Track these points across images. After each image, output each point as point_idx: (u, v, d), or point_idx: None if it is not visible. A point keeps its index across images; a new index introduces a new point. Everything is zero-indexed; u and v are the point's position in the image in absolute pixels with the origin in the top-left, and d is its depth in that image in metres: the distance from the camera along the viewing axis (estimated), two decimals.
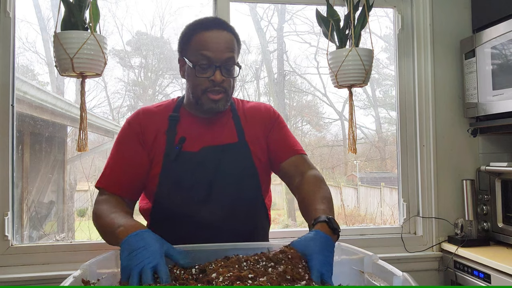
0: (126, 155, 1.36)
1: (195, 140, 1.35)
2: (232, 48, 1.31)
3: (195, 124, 1.38)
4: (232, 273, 0.94)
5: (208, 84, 1.29)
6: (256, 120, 1.44)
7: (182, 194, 1.31)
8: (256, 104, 1.50)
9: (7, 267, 1.79)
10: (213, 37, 1.29)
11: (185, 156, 1.32)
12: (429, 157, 2.14)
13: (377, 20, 2.45)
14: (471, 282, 1.86)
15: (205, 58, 1.28)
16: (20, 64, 2.13)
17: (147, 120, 1.38)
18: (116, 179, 1.34)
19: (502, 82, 1.86)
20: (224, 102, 1.32)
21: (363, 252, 1.10)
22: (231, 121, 1.41)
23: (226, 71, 1.30)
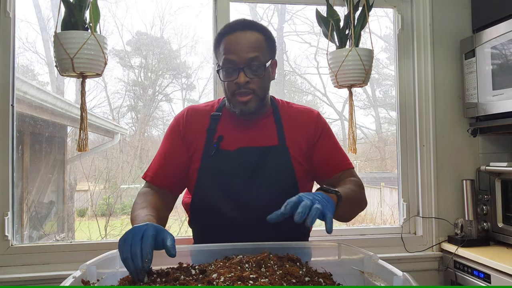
0: (169, 150, 1.42)
1: (233, 139, 1.37)
2: (256, 48, 1.31)
3: (234, 125, 1.40)
4: (233, 273, 0.94)
5: (235, 87, 1.31)
6: (300, 125, 1.42)
7: (218, 191, 1.34)
8: (302, 108, 1.49)
9: (7, 267, 1.79)
10: (236, 40, 1.31)
11: (222, 154, 1.36)
12: (429, 157, 2.14)
13: (377, 20, 2.45)
14: (471, 282, 1.86)
15: (229, 62, 1.31)
16: (20, 64, 2.13)
17: (191, 118, 1.43)
18: (159, 172, 1.40)
19: (502, 82, 1.86)
20: (255, 103, 1.33)
21: (363, 252, 1.10)
22: (273, 124, 1.41)
23: (250, 72, 1.30)
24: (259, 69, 1.32)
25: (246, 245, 1.17)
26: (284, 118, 1.43)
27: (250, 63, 1.30)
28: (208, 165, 1.36)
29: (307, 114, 1.46)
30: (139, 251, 0.95)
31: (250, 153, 1.36)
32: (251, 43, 1.31)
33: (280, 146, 1.38)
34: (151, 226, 1.01)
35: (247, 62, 1.30)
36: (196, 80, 2.48)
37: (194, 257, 1.10)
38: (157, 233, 1.00)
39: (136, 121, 2.56)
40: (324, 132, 1.45)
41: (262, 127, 1.41)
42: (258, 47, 1.32)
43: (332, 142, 1.46)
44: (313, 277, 1.00)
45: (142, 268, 0.95)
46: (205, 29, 2.21)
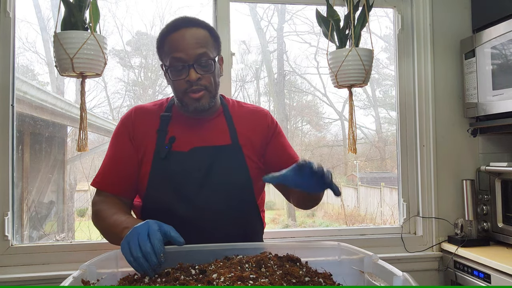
0: (118, 154, 1.36)
1: (186, 140, 1.34)
2: (204, 43, 1.28)
3: (186, 124, 1.37)
4: (233, 273, 0.94)
5: (186, 85, 1.28)
6: (253, 124, 1.42)
7: (171, 194, 1.30)
8: (254, 107, 1.48)
9: (7, 267, 1.79)
10: (182, 37, 1.27)
11: (175, 155, 1.32)
12: (429, 157, 2.14)
13: (377, 20, 2.45)
14: (471, 282, 1.86)
15: (177, 60, 1.27)
16: (20, 64, 2.13)
17: (140, 118, 1.38)
18: (110, 178, 1.35)
19: (502, 82, 1.86)
20: (207, 99, 1.30)
21: (363, 252, 1.10)
22: (224, 123, 1.39)
23: (201, 68, 1.28)
24: (209, 64, 1.29)
25: (246, 245, 1.17)
26: (235, 117, 1.41)
27: (199, 59, 1.27)
28: (160, 168, 1.31)
29: (258, 114, 1.45)
30: (150, 248, 0.96)
31: (204, 153, 1.33)
32: (198, 39, 1.28)
33: (233, 145, 1.36)
34: (152, 222, 1.02)
35: (196, 59, 1.27)
36: None
37: (194, 257, 1.10)
38: (160, 227, 1.00)
39: None
40: (276, 131, 1.46)
41: (213, 126, 1.38)
42: (205, 42, 1.29)
43: (284, 140, 1.47)
44: (313, 277, 1.00)
45: (159, 263, 0.95)
46: None
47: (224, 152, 1.34)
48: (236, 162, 1.35)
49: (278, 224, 2.64)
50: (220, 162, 1.33)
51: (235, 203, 1.33)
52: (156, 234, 0.98)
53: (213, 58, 1.31)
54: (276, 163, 1.41)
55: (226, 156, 1.34)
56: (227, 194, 1.32)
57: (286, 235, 2.06)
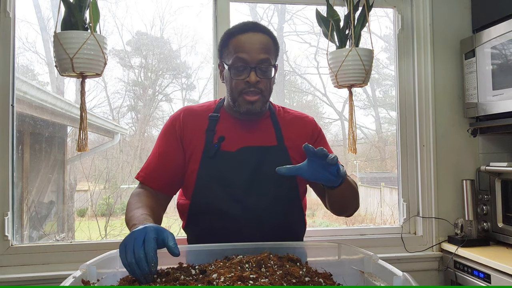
0: (164, 150, 1.40)
1: (234, 140, 1.37)
2: (267, 50, 1.33)
3: (234, 126, 1.40)
4: (233, 273, 0.94)
5: (244, 86, 1.32)
6: (298, 128, 1.45)
7: (218, 192, 1.33)
8: (299, 113, 1.52)
9: (7, 267, 1.79)
10: (248, 39, 1.32)
11: (223, 155, 1.35)
12: (429, 157, 2.14)
13: (377, 20, 2.45)
14: (471, 282, 1.86)
15: (240, 60, 1.31)
16: (20, 64, 2.13)
17: (188, 118, 1.42)
18: (153, 173, 1.39)
19: (502, 82, 1.86)
20: (261, 103, 1.34)
21: (363, 252, 1.10)
22: (271, 126, 1.43)
23: (261, 72, 1.31)
24: (269, 70, 1.33)
25: (246, 245, 1.17)
26: (281, 121, 1.45)
27: (261, 64, 1.31)
28: (208, 166, 1.34)
29: (303, 119, 1.50)
30: (143, 255, 0.96)
31: (252, 153, 1.36)
32: (263, 45, 1.32)
33: (279, 146, 1.39)
34: (151, 228, 1.01)
35: (258, 63, 1.31)
36: (196, 80, 2.49)
37: (194, 257, 1.10)
38: (157, 235, 1.00)
39: (136, 121, 2.57)
40: (320, 136, 1.50)
41: (261, 128, 1.41)
42: (268, 49, 1.34)
43: (327, 146, 1.51)
44: (313, 277, 1.00)
45: (150, 272, 0.95)
46: (205, 29, 2.21)
47: (271, 153, 1.37)
48: (282, 162, 1.34)
49: None
50: (267, 162, 1.35)
51: (281, 203, 1.36)
52: (151, 243, 0.97)
53: (274, 64, 1.35)
54: None
55: (272, 156, 1.37)
56: (274, 194, 1.34)
57: None
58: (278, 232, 1.33)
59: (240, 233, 1.28)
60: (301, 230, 1.47)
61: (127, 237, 1.01)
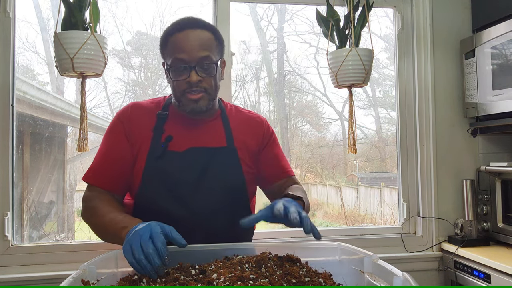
0: (112, 149, 1.35)
1: (181, 140, 1.33)
2: (207, 46, 1.28)
3: (183, 125, 1.36)
4: (233, 273, 0.94)
5: (186, 86, 1.28)
6: (249, 130, 1.43)
7: (164, 193, 1.29)
8: (251, 114, 1.49)
9: (7, 267, 1.79)
10: (186, 38, 1.27)
11: (170, 155, 1.31)
12: (429, 157, 2.14)
13: (377, 20, 2.45)
14: (471, 282, 1.86)
15: (180, 60, 1.26)
16: (20, 64, 2.13)
17: (136, 115, 1.37)
18: (102, 173, 1.33)
19: (502, 82, 1.86)
20: (206, 101, 1.30)
21: (363, 252, 1.10)
22: (221, 126, 1.39)
23: (202, 70, 1.27)
24: (211, 67, 1.29)
25: (246, 245, 1.17)
26: (232, 122, 1.41)
27: (202, 62, 1.27)
28: (155, 166, 1.30)
29: (255, 120, 1.47)
30: (152, 250, 0.96)
31: (200, 154, 1.33)
32: (202, 42, 1.28)
33: (229, 147, 1.36)
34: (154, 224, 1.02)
35: (198, 61, 1.26)
36: None
37: (194, 257, 1.10)
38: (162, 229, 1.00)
39: None
40: (272, 139, 1.48)
41: (210, 128, 1.38)
42: (208, 45, 1.29)
43: (279, 149, 1.50)
44: (313, 277, 1.00)
45: (163, 265, 0.97)
46: None
47: (219, 154, 1.34)
48: (230, 164, 1.35)
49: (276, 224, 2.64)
50: (215, 164, 1.33)
51: (229, 204, 1.33)
52: (159, 237, 0.98)
53: (216, 61, 1.31)
54: (268, 172, 1.45)
55: (221, 158, 1.34)
56: (221, 195, 1.32)
57: (286, 235, 2.06)
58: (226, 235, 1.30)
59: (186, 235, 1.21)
60: (249, 232, 1.45)
61: (131, 236, 1.01)
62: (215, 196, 1.31)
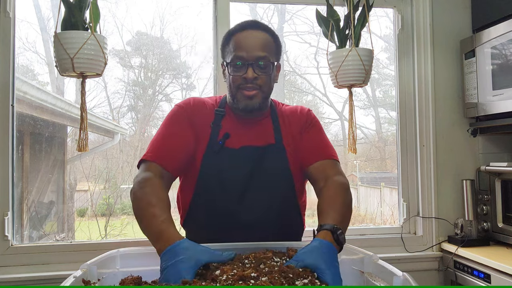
0: (177, 132, 1.37)
1: (237, 138, 1.38)
2: (265, 47, 1.34)
3: (238, 123, 1.41)
4: (236, 271, 0.95)
5: (241, 81, 1.33)
6: (293, 122, 1.46)
7: (218, 188, 1.35)
8: (294, 107, 1.52)
9: (7, 267, 1.79)
10: (246, 37, 1.34)
11: (226, 151, 1.36)
12: (429, 157, 2.14)
13: (377, 20, 2.45)
14: (471, 282, 1.86)
15: (239, 57, 1.32)
16: (20, 64, 2.13)
17: (198, 109, 1.42)
18: (165, 152, 1.34)
19: (502, 82, 1.86)
20: (260, 99, 1.34)
21: (363, 252, 1.10)
22: (270, 123, 1.43)
23: (259, 69, 1.32)
24: (267, 67, 1.34)
25: (246, 245, 1.17)
26: (280, 118, 1.45)
27: (259, 60, 1.32)
28: (211, 161, 1.36)
29: (298, 112, 1.49)
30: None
31: (252, 152, 1.38)
32: (261, 42, 1.34)
33: (277, 144, 1.40)
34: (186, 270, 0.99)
35: (256, 59, 1.32)
36: (196, 80, 2.49)
37: None
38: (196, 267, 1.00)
39: (136, 121, 2.57)
40: (313, 123, 1.47)
41: (261, 127, 1.42)
42: (267, 46, 1.35)
43: (320, 133, 1.47)
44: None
45: None
46: (205, 29, 2.21)
47: (269, 151, 1.39)
48: (278, 160, 1.39)
49: None
50: (265, 161, 1.37)
51: (277, 202, 1.37)
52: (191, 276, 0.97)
53: (273, 62, 1.36)
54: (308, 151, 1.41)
55: (270, 155, 1.38)
56: (270, 193, 1.36)
57: None
58: (276, 231, 1.33)
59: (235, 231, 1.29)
60: (299, 230, 1.47)
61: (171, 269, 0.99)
62: (264, 193, 1.35)
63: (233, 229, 1.32)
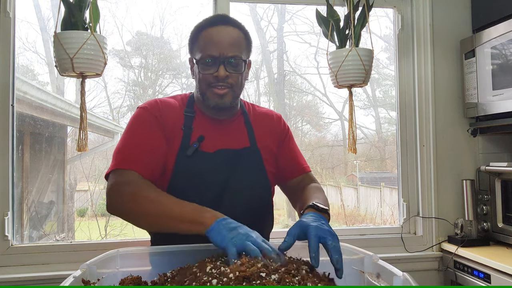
0: (147, 135, 1.28)
1: (211, 141, 1.33)
2: (238, 44, 1.29)
3: (210, 125, 1.36)
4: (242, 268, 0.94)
5: (213, 80, 1.28)
6: (267, 128, 1.44)
7: (193, 192, 1.28)
8: (268, 111, 1.51)
9: (7, 267, 1.79)
10: (218, 33, 1.28)
11: (201, 155, 1.30)
12: (429, 157, 2.14)
13: (377, 20, 2.45)
14: (471, 282, 1.86)
15: (209, 55, 1.27)
16: (20, 64, 2.13)
17: (166, 111, 1.33)
18: (140, 159, 1.24)
19: (502, 82, 1.86)
20: (230, 98, 1.30)
21: (363, 252, 1.10)
22: (243, 126, 1.41)
23: (230, 67, 1.28)
24: (239, 65, 1.29)
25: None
26: (252, 121, 1.42)
27: (230, 58, 1.27)
28: (184, 165, 1.28)
29: (272, 117, 1.48)
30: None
31: (228, 156, 1.33)
32: (233, 39, 1.29)
33: (252, 147, 1.38)
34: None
35: (227, 57, 1.27)
36: None
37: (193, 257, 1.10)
38: None
39: None
40: (288, 135, 1.49)
41: (234, 128, 1.39)
42: (239, 43, 1.30)
43: (294, 145, 1.51)
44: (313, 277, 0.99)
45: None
46: None
47: (244, 155, 1.36)
48: (255, 164, 1.37)
49: (278, 224, 2.64)
50: (242, 164, 1.34)
51: (254, 204, 1.35)
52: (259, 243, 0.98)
53: (244, 60, 1.32)
54: (286, 168, 1.46)
55: (246, 158, 1.35)
56: (247, 194, 1.33)
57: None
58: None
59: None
60: (270, 229, 1.48)
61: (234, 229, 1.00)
62: (241, 196, 1.32)
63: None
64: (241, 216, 1.29)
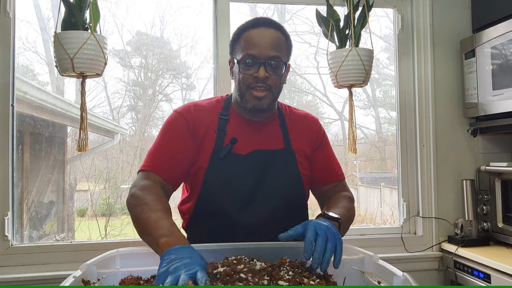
0: (176, 141, 1.32)
1: (245, 143, 1.33)
2: (278, 46, 1.29)
3: (244, 127, 1.36)
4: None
5: (252, 81, 1.28)
6: (303, 131, 1.43)
7: (226, 194, 1.29)
8: (304, 114, 1.49)
9: (7, 267, 1.79)
10: (259, 34, 1.29)
11: (234, 157, 1.31)
12: (429, 157, 2.14)
13: (377, 20, 2.45)
14: (471, 282, 1.86)
15: (250, 55, 1.27)
16: (20, 64, 2.13)
17: (198, 115, 1.35)
18: (165, 162, 1.29)
19: (502, 82, 1.86)
20: (269, 100, 1.30)
21: (363, 252, 1.10)
22: (278, 128, 1.40)
23: (270, 69, 1.28)
24: (279, 67, 1.29)
25: (246, 245, 1.16)
26: (288, 122, 1.42)
27: (271, 60, 1.27)
28: (218, 168, 1.30)
29: (309, 120, 1.47)
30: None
31: (261, 157, 1.33)
32: (274, 41, 1.29)
33: (286, 149, 1.37)
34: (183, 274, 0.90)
35: (268, 58, 1.27)
36: (196, 80, 2.49)
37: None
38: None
39: (136, 121, 2.57)
40: (324, 139, 1.47)
41: (269, 130, 1.39)
42: (280, 46, 1.30)
43: (331, 151, 1.49)
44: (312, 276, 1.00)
45: None
46: (205, 29, 2.21)
47: (278, 156, 1.35)
48: (289, 166, 1.36)
49: None
50: (275, 166, 1.33)
51: (287, 208, 1.34)
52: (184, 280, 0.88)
53: (284, 62, 1.31)
54: (319, 174, 1.44)
55: (279, 160, 1.35)
56: (280, 196, 1.32)
57: None
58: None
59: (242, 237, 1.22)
60: None
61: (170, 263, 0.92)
62: (274, 198, 1.32)
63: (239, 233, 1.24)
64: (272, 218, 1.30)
